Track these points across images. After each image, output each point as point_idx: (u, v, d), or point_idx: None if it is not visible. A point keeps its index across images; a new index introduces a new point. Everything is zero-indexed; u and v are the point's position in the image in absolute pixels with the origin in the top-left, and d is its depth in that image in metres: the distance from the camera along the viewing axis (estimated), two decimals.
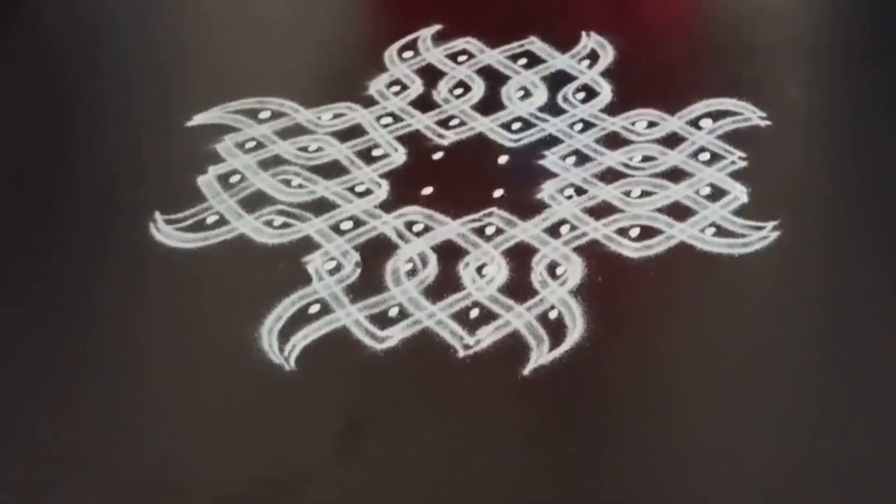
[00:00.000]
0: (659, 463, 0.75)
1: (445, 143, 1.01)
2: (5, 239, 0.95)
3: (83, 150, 1.04)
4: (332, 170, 0.99)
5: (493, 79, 1.08)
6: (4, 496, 0.75)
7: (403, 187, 0.97)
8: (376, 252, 0.91)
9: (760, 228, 0.91)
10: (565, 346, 0.83)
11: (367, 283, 0.88)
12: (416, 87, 1.07)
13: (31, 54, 1.16)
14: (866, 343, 0.82)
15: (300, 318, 0.85)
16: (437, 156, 1.00)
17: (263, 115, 1.05)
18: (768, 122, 1.01)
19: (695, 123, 1.01)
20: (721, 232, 0.91)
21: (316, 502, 0.74)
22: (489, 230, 0.92)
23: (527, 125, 1.03)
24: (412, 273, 0.89)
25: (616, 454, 0.76)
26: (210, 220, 0.94)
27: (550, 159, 0.99)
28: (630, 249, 0.90)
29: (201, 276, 0.90)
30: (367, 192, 0.96)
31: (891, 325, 0.83)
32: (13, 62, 1.15)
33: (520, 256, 0.90)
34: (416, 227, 0.93)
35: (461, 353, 0.83)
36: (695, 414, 0.78)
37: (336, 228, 0.93)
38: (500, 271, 0.89)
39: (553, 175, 0.97)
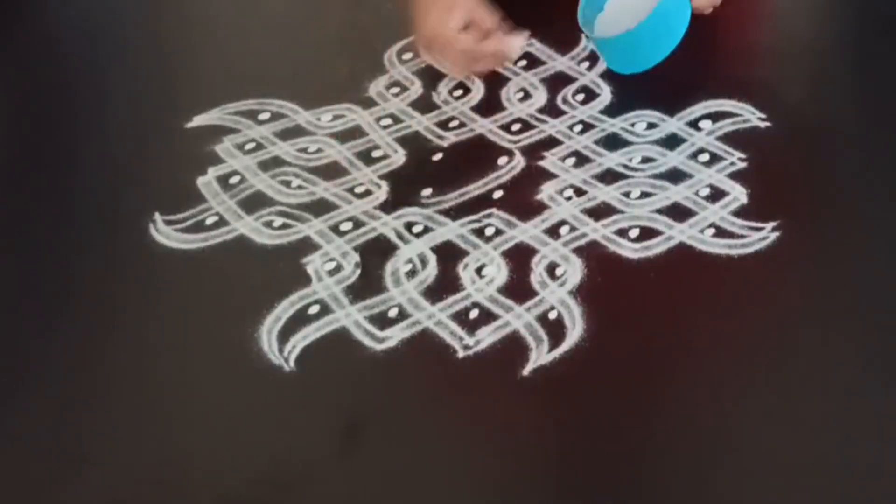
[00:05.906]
0: (659, 463, 0.75)
1: (445, 144, 1.01)
2: (3, 239, 0.95)
3: (81, 150, 1.04)
4: (331, 171, 0.99)
5: (493, 80, 1.08)
6: (5, 496, 0.75)
7: (403, 188, 0.97)
8: (376, 253, 0.91)
9: (760, 229, 0.90)
10: (565, 346, 0.82)
11: (367, 284, 0.88)
12: (416, 89, 1.07)
13: (30, 54, 1.16)
14: (867, 343, 0.82)
15: (300, 319, 0.85)
16: (437, 157, 1.00)
17: (263, 116, 1.05)
18: (768, 124, 1.01)
19: (694, 125, 1.01)
20: (721, 233, 0.91)
21: (316, 502, 0.74)
22: (489, 231, 0.92)
23: (526, 126, 1.03)
24: (412, 274, 0.89)
25: (616, 454, 0.76)
26: (209, 220, 0.94)
27: (550, 160, 0.99)
28: (629, 250, 0.90)
29: (200, 276, 0.90)
30: (367, 193, 0.96)
31: (892, 325, 0.83)
32: (12, 62, 1.15)
33: (519, 257, 0.90)
34: (416, 228, 0.93)
35: (461, 354, 0.83)
36: (695, 414, 0.78)
37: (335, 229, 0.93)
38: (499, 272, 0.89)
39: (553, 176, 0.97)
